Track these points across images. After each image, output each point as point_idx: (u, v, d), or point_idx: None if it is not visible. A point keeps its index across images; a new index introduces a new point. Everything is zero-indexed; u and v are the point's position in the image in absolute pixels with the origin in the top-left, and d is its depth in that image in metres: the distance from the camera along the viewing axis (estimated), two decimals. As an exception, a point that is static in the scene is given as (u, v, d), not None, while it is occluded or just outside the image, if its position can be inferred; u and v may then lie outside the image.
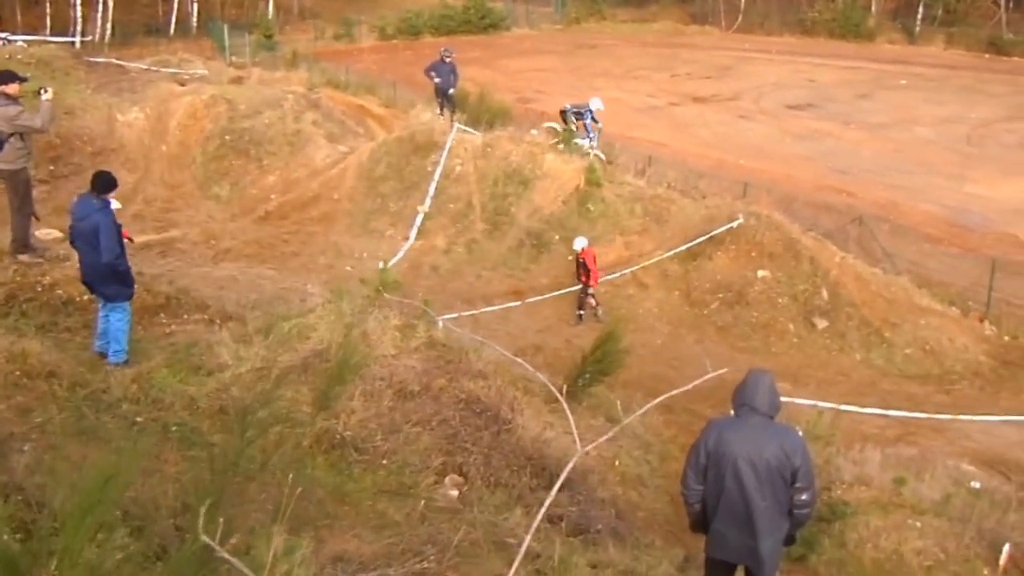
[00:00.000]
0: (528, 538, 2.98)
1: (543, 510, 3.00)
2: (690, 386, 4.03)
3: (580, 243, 15.72)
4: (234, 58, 36.21)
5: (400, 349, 9.12)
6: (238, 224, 18.54)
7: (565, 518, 7.75)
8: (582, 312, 15.64)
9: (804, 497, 5.56)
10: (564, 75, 36.87)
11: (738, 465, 5.47)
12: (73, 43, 38.44)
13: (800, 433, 5.81)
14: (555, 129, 19.64)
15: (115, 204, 13.58)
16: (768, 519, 5.50)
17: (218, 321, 10.50)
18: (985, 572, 8.01)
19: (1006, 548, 8.07)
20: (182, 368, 8.61)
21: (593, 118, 19.85)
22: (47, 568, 3.64)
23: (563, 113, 19.89)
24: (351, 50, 42.72)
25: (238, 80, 26.11)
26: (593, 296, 15.61)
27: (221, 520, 3.70)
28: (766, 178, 21.80)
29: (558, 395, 4.02)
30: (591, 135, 19.90)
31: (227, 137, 20.98)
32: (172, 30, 45.37)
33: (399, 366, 8.79)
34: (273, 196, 19.50)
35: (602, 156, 19.24)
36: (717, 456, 5.55)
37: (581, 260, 15.61)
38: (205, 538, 3.26)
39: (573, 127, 19.53)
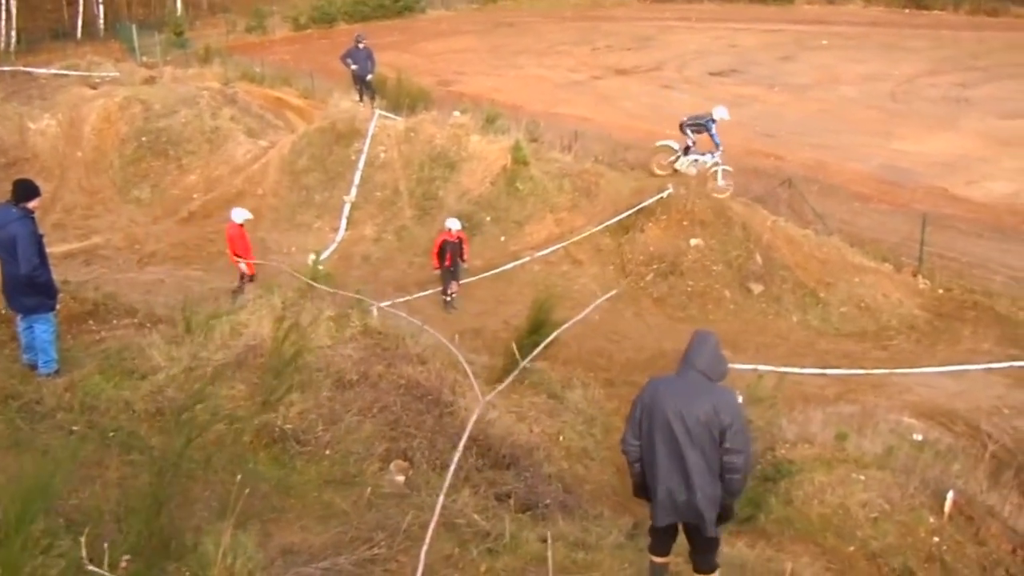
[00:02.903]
0: (441, 498, 2.98)
1: (454, 465, 3.01)
2: (582, 315, 4.06)
3: (456, 224, 15.24)
4: (145, 58, 35.35)
5: (335, 339, 9.03)
6: (161, 226, 18.17)
7: (513, 495, 7.78)
8: (454, 296, 15.29)
9: (735, 460, 5.49)
10: (483, 55, 36.74)
11: (668, 417, 5.49)
12: (-23, 54, 37.22)
13: (738, 395, 5.78)
14: (670, 147, 18.03)
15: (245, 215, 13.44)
16: (700, 473, 5.51)
17: (148, 324, 10.30)
18: (931, 520, 8.15)
19: (950, 495, 8.21)
20: (115, 373, 8.41)
21: (715, 134, 17.57)
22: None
23: (683, 127, 17.87)
24: (264, 42, 42.05)
25: (151, 80, 25.50)
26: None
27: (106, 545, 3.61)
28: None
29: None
30: (711, 151, 17.71)
31: (144, 139, 20.52)
32: (79, 33, 44.09)
33: (336, 356, 8.71)
34: (195, 196, 19.14)
35: (729, 169, 17.46)
36: (651, 410, 5.57)
37: (457, 241, 15.14)
38: (92, 567, 3.17)
39: (691, 142, 17.65)
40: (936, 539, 7.96)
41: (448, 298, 15.26)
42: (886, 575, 7.58)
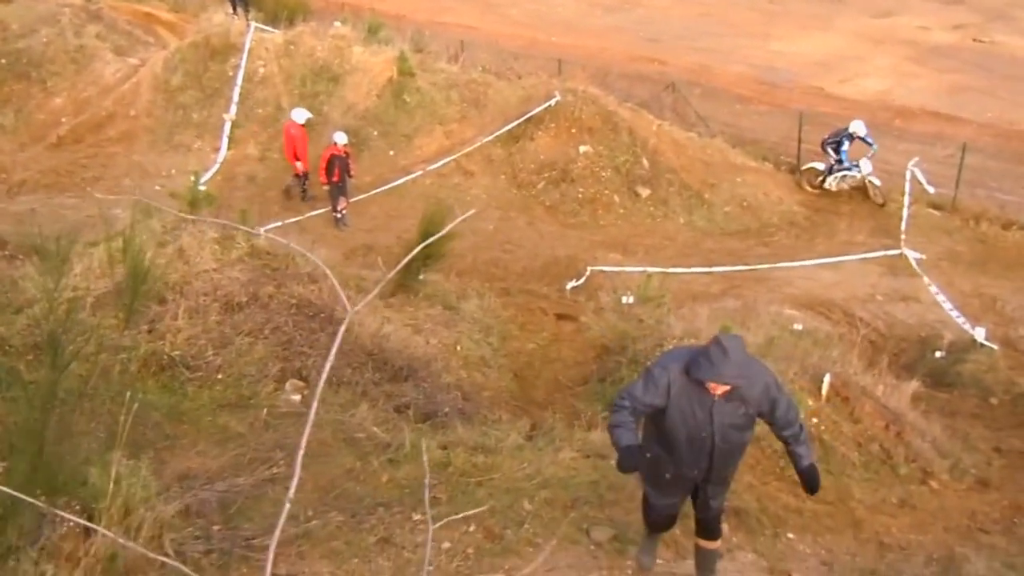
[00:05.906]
0: (315, 405, 2.99)
1: (323, 378, 3.01)
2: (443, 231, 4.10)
3: (343, 138, 14.92)
4: (-3, -27, 32.76)
5: (221, 262, 8.79)
6: (29, 153, 17.14)
7: (412, 406, 7.87)
8: (344, 212, 15.01)
9: None
10: (363, -38, 35.36)
11: None
12: None
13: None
14: (815, 168, 16.88)
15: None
16: None
17: (20, 256, 9.83)
18: (810, 403, 8.60)
19: (827, 378, 8.67)
20: (-14, 309, 8.05)
21: (865, 140, 16.42)
22: None
23: (823, 145, 16.80)
24: (129, -46, 39.45)
25: (5, -3, 23.70)
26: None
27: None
28: (579, 53, 21.84)
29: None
30: (857, 162, 16.45)
31: (2, 61, 19.16)
32: (-82, -54, 40.48)
33: (222, 279, 8.50)
34: (64, 119, 18.06)
35: (877, 182, 16.33)
36: None
37: (344, 155, 14.83)
38: None
39: (834, 160, 16.60)
40: (815, 420, 8.43)
41: (339, 215, 15.00)
42: (769, 456, 8.00)
